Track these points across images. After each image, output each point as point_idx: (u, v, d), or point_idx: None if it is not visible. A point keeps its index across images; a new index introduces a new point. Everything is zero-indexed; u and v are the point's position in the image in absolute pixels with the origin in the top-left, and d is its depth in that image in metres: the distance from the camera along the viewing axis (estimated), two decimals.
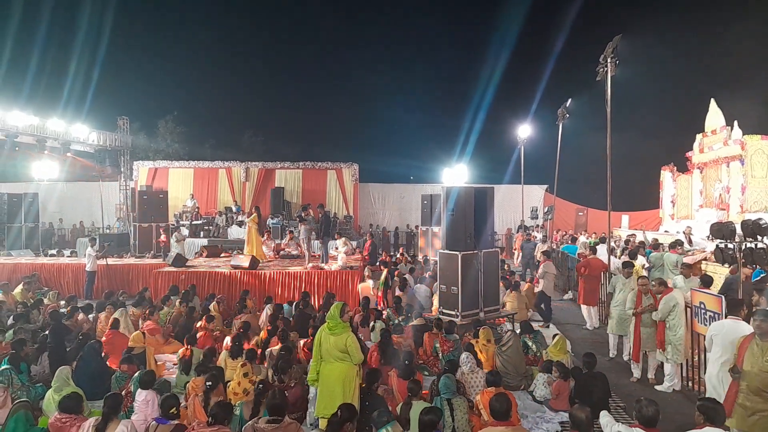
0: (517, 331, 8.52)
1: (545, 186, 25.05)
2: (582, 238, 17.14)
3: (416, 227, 21.82)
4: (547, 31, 41.09)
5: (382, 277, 11.70)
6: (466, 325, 8.97)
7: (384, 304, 11.11)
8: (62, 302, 11.10)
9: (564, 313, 12.12)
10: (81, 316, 9.64)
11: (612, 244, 13.42)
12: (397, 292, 11.19)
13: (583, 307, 10.90)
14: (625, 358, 8.41)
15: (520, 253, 17.17)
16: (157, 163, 24.93)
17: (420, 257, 15.85)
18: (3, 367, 6.17)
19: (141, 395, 5.69)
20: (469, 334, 8.55)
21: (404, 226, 24.03)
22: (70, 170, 21.79)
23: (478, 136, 30.15)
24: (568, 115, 16.65)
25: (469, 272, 9.15)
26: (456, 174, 23.68)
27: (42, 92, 29.00)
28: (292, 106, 47.89)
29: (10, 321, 9.35)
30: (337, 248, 13.83)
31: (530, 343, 8.16)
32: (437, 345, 8.03)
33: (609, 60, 10.58)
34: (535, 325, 9.36)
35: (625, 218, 22.86)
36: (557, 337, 8.08)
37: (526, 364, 7.57)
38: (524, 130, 20.57)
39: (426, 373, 7.60)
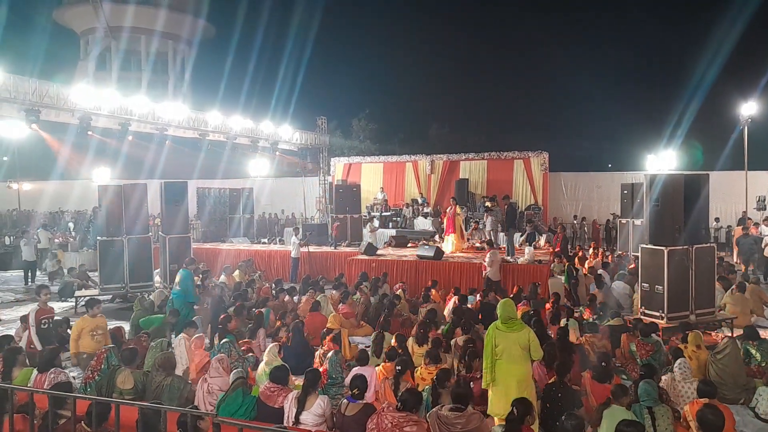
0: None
1: None
2: None
3: (612, 217, 20.17)
4: None
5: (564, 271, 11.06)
6: (672, 328, 8.09)
7: (572, 301, 10.49)
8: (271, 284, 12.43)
9: None
10: (287, 297, 10.68)
11: None
12: (593, 290, 10.46)
13: None
14: None
15: (736, 249, 15.07)
16: (351, 158, 26.46)
17: (621, 252, 14.67)
18: (224, 340, 7.11)
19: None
20: (676, 338, 7.66)
21: (604, 218, 22.19)
22: (278, 167, 24.52)
23: (693, 118, 26.61)
24: None
25: (677, 270, 8.28)
26: (662, 160, 21.22)
27: (256, 98, 33.09)
28: (477, 95, 47.43)
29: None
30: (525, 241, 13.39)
31: (754, 351, 7.05)
32: (633, 348, 7.34)
33: None
34: (762, 332, 8.01)
35: None
36: None
37: (747, 375, 6.58)
38: (748, 108, 17.68)
39: (624, 377, 6.98)
